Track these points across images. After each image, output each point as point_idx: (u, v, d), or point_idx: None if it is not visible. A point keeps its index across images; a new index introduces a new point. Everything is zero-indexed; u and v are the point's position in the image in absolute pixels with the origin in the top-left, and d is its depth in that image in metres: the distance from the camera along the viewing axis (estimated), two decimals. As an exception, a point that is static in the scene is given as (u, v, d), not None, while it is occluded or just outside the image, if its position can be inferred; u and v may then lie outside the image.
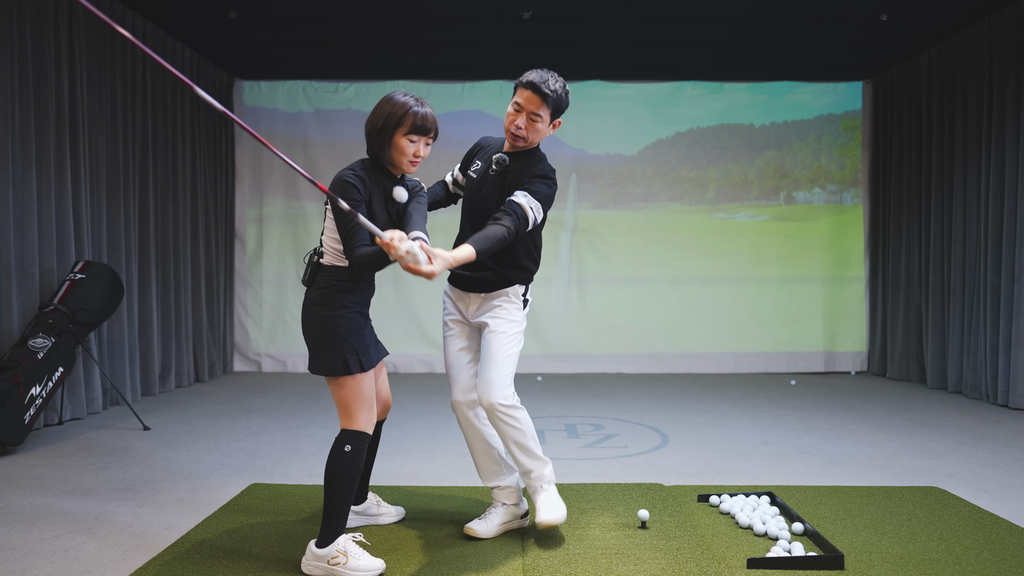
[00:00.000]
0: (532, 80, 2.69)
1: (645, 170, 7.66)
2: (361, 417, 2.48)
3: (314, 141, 7.52)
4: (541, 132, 2.77)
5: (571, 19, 5.89)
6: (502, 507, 2.89)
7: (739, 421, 5.09)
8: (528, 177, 2.72)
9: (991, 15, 5.72)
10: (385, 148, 2.48)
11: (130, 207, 5.64)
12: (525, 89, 2.70)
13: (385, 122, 2.46)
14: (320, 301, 2.47)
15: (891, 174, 7.21)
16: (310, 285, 2.52)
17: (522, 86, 2.72)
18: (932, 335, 6.47)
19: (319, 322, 2.46)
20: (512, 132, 2.75)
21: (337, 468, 2.43)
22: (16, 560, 2.59)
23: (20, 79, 4.53)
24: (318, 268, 2.51)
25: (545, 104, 2.71)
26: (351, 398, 2.46)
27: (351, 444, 2.45)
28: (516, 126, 2.73)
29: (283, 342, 7.49)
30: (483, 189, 2.82)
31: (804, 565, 2.52)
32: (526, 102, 2.70)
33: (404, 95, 2.49)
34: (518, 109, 2.73)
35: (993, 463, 3.97)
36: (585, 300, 7.60)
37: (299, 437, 4.55)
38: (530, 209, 2.63)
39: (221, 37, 6.30)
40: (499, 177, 2.79)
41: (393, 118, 2.45)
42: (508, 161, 2.78)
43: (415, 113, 2.45)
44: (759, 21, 5.90)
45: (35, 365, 4.16)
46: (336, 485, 2.43)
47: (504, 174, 2.78)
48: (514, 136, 2.75)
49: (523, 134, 2.74)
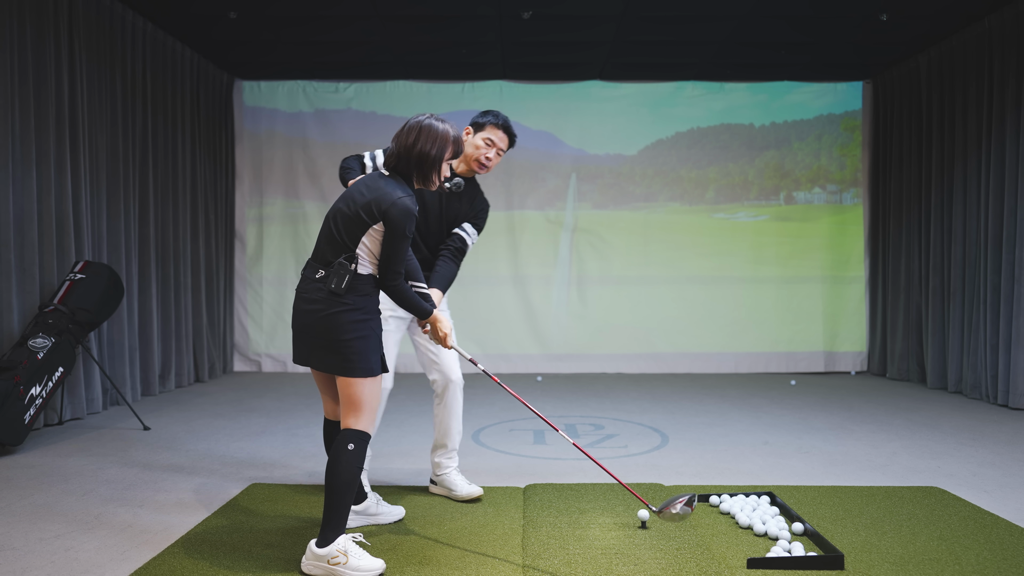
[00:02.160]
0: (505, 123, 3.16)
1: (645, 170, 7.66)
2: (367, 418, 2.53)
3: (314, 141, 7.52)
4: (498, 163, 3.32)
5: (571, 19, 5.89)
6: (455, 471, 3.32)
7: (739, 421, 5.09)
8: (480, 211, 3.25)
9: (991, 15, 5.72)
10: (431, 172, 2.59)
11: (130, 207, 5.64)
12: (498, 129, 3.15)
13: (439, 150, 2.57)
14: (361, 307, 2.52)
15: (891, 174, 7.21)
16: (345, 292, 2.50)
17: (496, 126, 3.15)
18: (932, 335, 6.47)
19: (354, 325, 2.49)
20: (481, 162, 3.16)
21: (340, 467, 2.45)
22: (16, 560, 2.60)
23: (20, 79, 4.53)
24: (356, 277, 2.52)
25: (511, 143, 3.21)
26: (368, 398, 2.51)
27: (355, 443, 2.48)
28: (487, 158, 3.16)
29: (283, 342, 7.49)
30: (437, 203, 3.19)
31: (804, 565, 2.52)
32: (499, 140, 3.15)
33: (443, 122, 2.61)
34: (489, 144, 3.15)
35: (993, 463, 3.97)
36: (585, 300, 7.60)
37: (299, 437, 4.55)
38: (471, 238, 3.23)
39: (221, 37, 6.30)
40: (455, 199, 3.20)
41: (446, 147, 2.59)
42: (463, 185, 3.17)
43: (457, 138, 2.64)
44: (759, 21, 5.91)
45: (35, 365, 4.16)
46: (338, 484, 2.45)
47: (459, 198, 3.21)
48: (481, 165, 3.17)
49: (491, 166, 3.19)
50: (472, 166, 3.19)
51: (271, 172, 7.55)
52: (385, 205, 2.46)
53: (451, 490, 3.30)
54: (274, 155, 7.54)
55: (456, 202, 3.20)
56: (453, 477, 3.31)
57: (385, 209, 2.46)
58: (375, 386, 2.53)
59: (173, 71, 6.26)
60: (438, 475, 3.34)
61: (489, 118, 3.16)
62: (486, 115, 3.17)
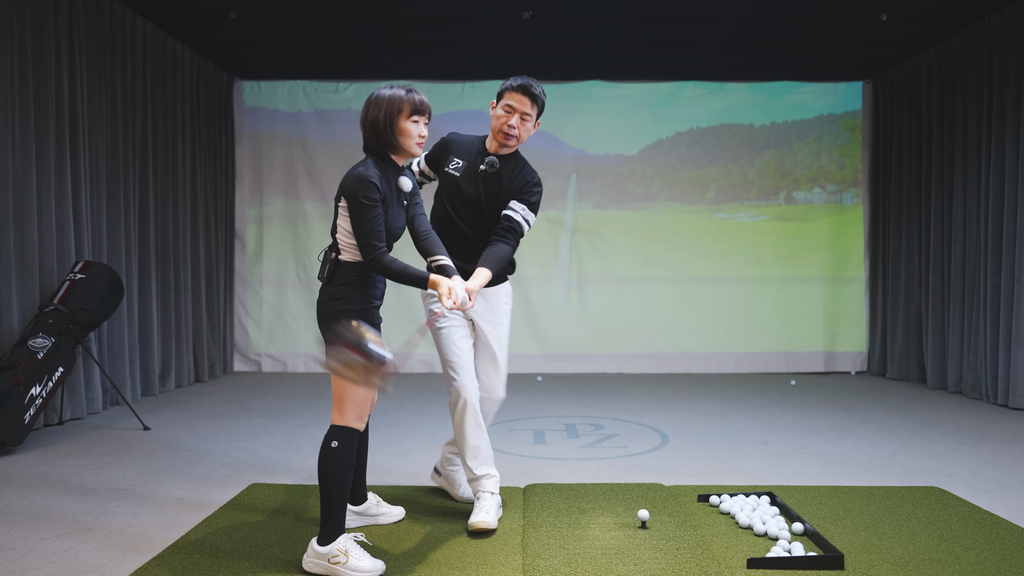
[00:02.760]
0: (523, 84, 2.90)
1: (645, 170, 7.66)
2: (351, 413, 2.50)
3: (314, 141, 7.52)
4: (529, 131, 2.98)
5: (571, 19, 5.89)
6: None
7: (739, 421, 5.09)
8: (525, 185, 2.97)
9: (991, 15, 5.72)
10: (392, 136, 2.55)
11: (130, 207, 5.63)
12: (516, 92, 2.90)
13: (387, 112, 2.54)
14: (341, 296, 2.53)
15: (891, 174, 7.21)
16: (328, 281, 2.56)
17: (513, 90, 2.91)
18: (932, 335, 6.47)
19: (335, 315, 2.50)
20: (505, 132, 2.92)
21: (327, 464, 2.45)
22: (16, 560, 2.60)
23: (20, 79, 4.53)
24: (337, 265, 2.56)
25: (535, 104, 2.93)
26: (348, 392, 2.48)
27: (338, 440, 2.47)
28: (509, 126, 2.91)
29: (283, 342, 7.49)
30: (475, 187, 3.00)
31: (804, 565, 2.52)
32: (518, 104, 2.90)
33: (391, 87, 2.59)
34: (509, 111, 2.91)
35: (993, 463, 3.97)
36: (585, 300, 7.60)
37: (299, 437, 4.55)
38: (525, 222, 2.95)
39: (221, 37, 6.30)
40: (493, 178, 2.99)
41: (393, 106, 2.54)
42: (498, 163, 2.98)
43: (411, 97, 2.56)
44: (759, 21, 5.90)
45: (35, 365, 4.16)
46: (327, 481, 2.45)
47: (497, 176, 2.98)
48: (506, 136, 2.93)
49: (516, 133, 2.92)
50: (499, 139, 2.96)
51: (271, 172, 7.55)
52: (343, 180, 2.52)
53: (452, 487, 3.28)
54: (274, 155, 7.54)
55: (494, 182, 2.99)
56: (459, 476, 3.28)
57: (342, 183, 2.52)
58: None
59: (173, 71, 6.26)
60: (445, 468, 3.31)
61: (506, 83, 2.93)
62: (505, 82, 2.95)
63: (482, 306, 3.08)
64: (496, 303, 3.12)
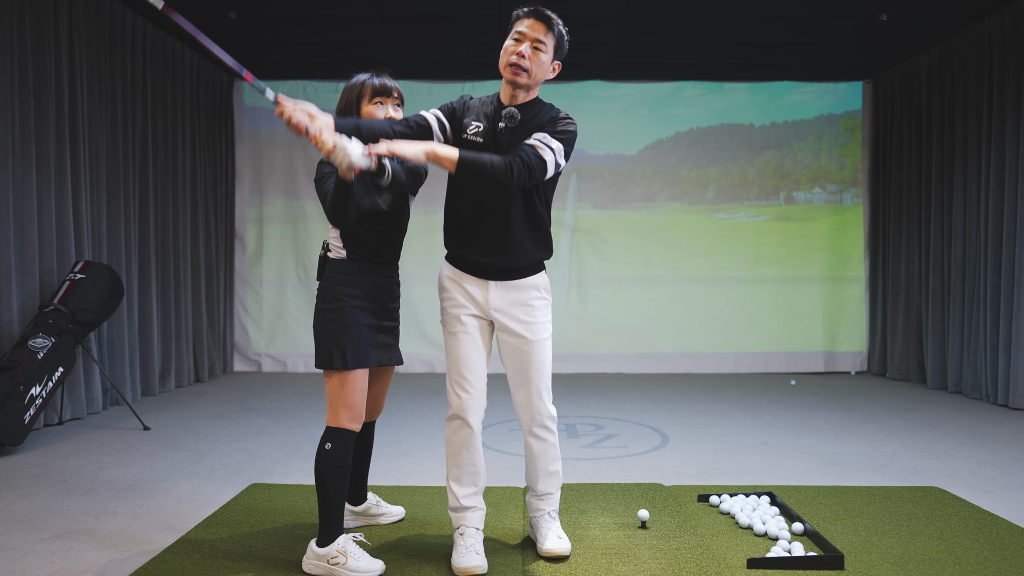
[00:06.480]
0: (535, 8, 2.42)
1: (645, 170, 7.66)
2: (341, 415, 2.48)
3: (314, 141, 7.51)
4: (544, 66, 2.45)
5: (571, 19, 5.82)
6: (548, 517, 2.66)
7: (739, 421, 5.09)
8: (549, 121, 2.44)
9: (991, 15, 5.72)
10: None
11: (130, 207, 5.64)
12: (527, 17, 2.42)
13: (348, 100, 2.63)
14: (321, 294, 2.57)
15: (891, 174, 7.21)
16: (319, 278, 2.61)
17: (523, 15, 2.43)
18: (932, 335, 6.47)
19: (316, 314, 2.55)
20: (513, 63, 2.40)
21: (322, 466, 2.45)
22: (16, 560, 2.59)
23: (20, 79, 4.53)
24: (325, 261, 2.60)
25: (550, 31, 2.42)
26: (333, 393, 2.48)
27: (332, 442, 2.46)
28: (519, 54, 2.39)
29: (283, 342, 7.49)
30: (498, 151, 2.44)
31: (804, 565, 2.52)
32: (529, 29, 2.40)
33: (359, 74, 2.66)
34: (519, 39, 2.41)
35: (993, 463, 3.97)
36: (585, 300, 7.60)
37: (299, 437, 4.55)
38: (547, 148, 2.35)
39: (221, 37, 6.28)
40: (514, 132, 2.45)
41: (354, 92, 2.63)
42: (518, 114, 2.45)
43: (372, 81, 2.61)
44: (758, 21, 5.91)
45: (35, 365, 4.16)
46: (324, 483, 2.45)
47: (521, 128, 2.45)
48: (515, 68, 2.40)
49: (526, 64, 2.40)
50: (507, 76, 2.43)
51: (271, 172, 7.55)
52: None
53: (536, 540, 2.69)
54: (274, 155, 7.55)
55: (521, 134, 2.44)
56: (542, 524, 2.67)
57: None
58: (339, 381, 2.47)
59: (173, 71, 6.26)
60: (529, 515, 2.76)
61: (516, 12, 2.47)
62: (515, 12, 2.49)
63: (504, 303, 2.51)
64: (525, 299, 2.52)
